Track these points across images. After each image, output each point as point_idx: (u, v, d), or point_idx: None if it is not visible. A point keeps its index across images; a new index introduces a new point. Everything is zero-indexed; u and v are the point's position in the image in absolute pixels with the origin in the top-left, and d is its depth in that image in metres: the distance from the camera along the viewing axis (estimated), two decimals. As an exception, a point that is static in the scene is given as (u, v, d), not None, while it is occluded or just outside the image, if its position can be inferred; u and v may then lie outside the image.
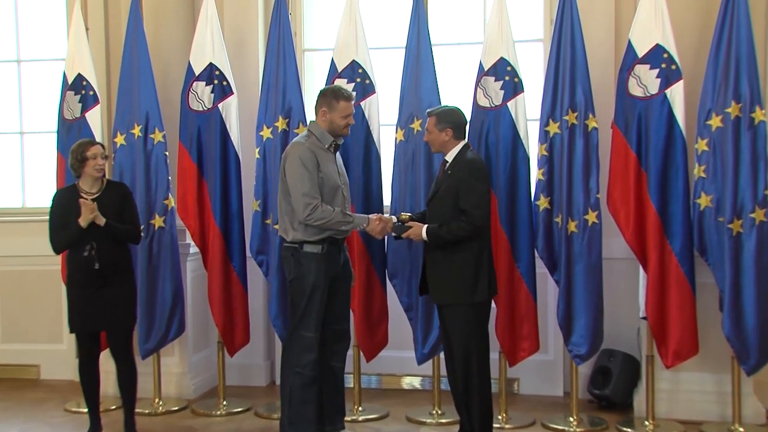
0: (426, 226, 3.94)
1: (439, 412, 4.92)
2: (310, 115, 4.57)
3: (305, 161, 3.84)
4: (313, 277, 3.92)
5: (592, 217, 4.51)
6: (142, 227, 4.58)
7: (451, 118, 4.09)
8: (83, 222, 4.11)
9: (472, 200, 3.89)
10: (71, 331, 4.34)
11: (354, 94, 4.13)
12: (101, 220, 4.14)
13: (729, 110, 4.31)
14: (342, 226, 3.85)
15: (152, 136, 4.92)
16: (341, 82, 4.72)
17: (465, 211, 3.87)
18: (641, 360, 4.83)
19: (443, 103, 4.51)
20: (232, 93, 4.96)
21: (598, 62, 4.86)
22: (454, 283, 3.95)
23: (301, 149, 3.86)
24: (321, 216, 3.80)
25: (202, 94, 4.93)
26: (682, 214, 4.45)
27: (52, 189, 4.90)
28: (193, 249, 5.20)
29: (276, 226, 4.57)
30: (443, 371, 4.48)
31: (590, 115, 4.56)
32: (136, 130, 4.92)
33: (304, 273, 3.90)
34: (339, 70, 4.78)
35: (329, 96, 3.98)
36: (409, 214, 4.04)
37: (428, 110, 4.15)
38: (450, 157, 4.08)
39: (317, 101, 4.06)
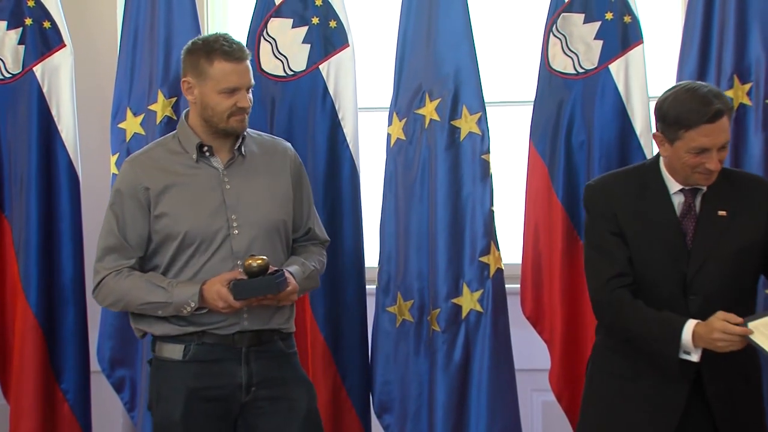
0: None
1: None
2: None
3: (116, 194, 3.01)
4: (162, 409, 2.94)
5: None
6: None
7: None
8: None
9: None
10: None
11: (249, 54, 3.03)
12: None
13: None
14: (156, 310, 2.89)
15: None
16: (280, 25, 3.57)
17: None
18: None
19: (480, 67, 3.45)
20: (63, 45, 3.77)
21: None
22: None
23: (122, 171, 3.07)
24: (108, 297, 2.98)
25: (1, 46, 3.76)
26: None
27: None
28: (-23, 359, 3.91)
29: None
30: None
31: (778, 88, 3.37)
32: None
33: (153, 400, 2.99)
34: (277, 2, 3.62)
35: (196, 53, 2.97)
36: (264, 258, 2.77)
37: (723, 103, 2.84)
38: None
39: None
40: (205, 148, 2.96)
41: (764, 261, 2.63)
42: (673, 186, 2.63)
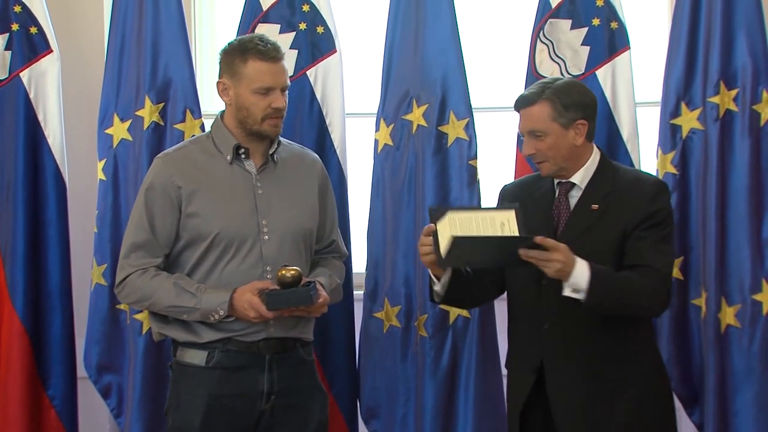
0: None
1: None
2: (211, 94, 3.78)
3: (147, 190, 2.98)
4: (182, 414, 2.90)
5: (771, 297, 3.30)
6: None
7: (580, 99, 2.84)
8: None
9: (664, 250, 2.81)
10: None
11: (284, 53, 3.04)
12: None
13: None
14: (182, 314, 2.87)
15: None
16: (268, 30, 3.54)
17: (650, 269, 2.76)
18: None
19: (467, 73, 3.46)
20: (50, 50, 3.77)
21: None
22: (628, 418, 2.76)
23: (154, 166, 3.04)
24: (131, 294, 2.95)
25: (-13, 52, 3.72)
26: None
27: None
28: (-36, 366, 3.85)
29: (138, 317, 3.56)
30: None
31: (765, 93, 3.30)
32: None
33: (173, 405, 2.95)
34: (264, 8, 3.63)
35: (231, 53, 2.98)
36: (297, 269, 2.80)
37: (527, 92, 2.88)
38: (583, 178, 2.82)
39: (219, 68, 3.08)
40: (242, 151, 2.91)
41: (618, 262, 2.68)
42: (556, 181, 2.77)
